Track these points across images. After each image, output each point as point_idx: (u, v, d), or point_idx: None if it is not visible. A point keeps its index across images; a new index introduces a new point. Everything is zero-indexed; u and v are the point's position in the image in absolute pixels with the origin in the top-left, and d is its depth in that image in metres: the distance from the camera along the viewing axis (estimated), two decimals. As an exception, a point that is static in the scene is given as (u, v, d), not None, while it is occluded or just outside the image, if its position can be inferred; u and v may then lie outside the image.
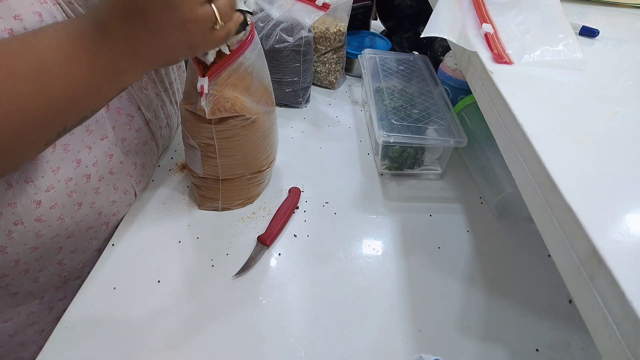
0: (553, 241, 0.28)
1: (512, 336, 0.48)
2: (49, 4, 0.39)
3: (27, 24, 0.36)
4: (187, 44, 0.36)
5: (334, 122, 0.81)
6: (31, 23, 0.37)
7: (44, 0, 0.38)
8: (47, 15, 0.38)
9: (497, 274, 0.55)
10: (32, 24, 0.37)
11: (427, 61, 0.85)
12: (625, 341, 0.21)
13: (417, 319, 0.49)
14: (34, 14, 0.37)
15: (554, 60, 0.43)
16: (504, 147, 0.37)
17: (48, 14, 0.38)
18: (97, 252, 0.54)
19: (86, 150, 0.46)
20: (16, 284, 0.48)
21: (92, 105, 0.36)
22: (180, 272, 0.52)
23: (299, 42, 0.75)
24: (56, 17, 0.39)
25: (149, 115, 0.56)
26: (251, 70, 0.50)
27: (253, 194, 0.62)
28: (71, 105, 0.33)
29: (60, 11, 0.40)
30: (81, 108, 0.35)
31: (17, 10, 0.36)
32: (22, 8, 0.36)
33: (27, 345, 0.54)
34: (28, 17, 0.37)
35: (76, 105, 0.34)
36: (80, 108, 0.35)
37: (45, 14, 0.38)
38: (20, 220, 0.42)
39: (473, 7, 0.50)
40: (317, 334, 0.46)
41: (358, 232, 0.59)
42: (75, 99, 0.33)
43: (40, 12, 0.38)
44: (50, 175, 0.43)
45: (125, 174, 0.53)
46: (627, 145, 0.32)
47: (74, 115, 0.35)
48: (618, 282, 0.21)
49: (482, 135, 0.67)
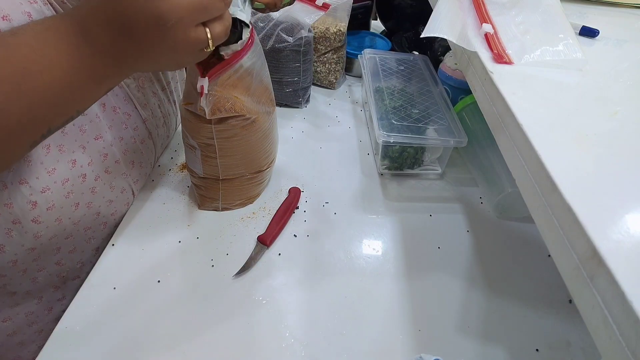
0: (553, 241, 0.28)
1: (512, 336, 0.48)
2: (39, 3, 0.38)
3: (16, 24, 0.35)
4: (175, 61, 0.35)
5: (334, 122, 0.81)
6: (20, 23, 0.35)
7: (33, 0, 0.37)
8: (37, 16, 0.37)
9: (497, 274, 0.55)
10: (21, 23, 0.35)
11: (427, 61, 0.85)
12: (625, 341, 0.21)
13: (417, 319, 0.49)
14: (23, 14, 0.36)
15: (554, 60, 0.43)
16: (504, 147, 0.37)
17: (38, 14, 0.37)
18: (95, 251, 0.54)
19: (80, 150, 0.46)
20: (14, 283, 0.47)
21: (77, 107, 0.35)
22: (180, 272, 0.52)
23: (299, 42, 0.75)
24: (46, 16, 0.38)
25: (145, 114, 0.55)
26: (251, 70, 0.50)
27: (253, 194, 0.62)
28: (54, 108, 0.33)
29: (52, 11, 0.39)
30: (65, 111, 0.34)
31: (5, 10, 0.35)
32: (11, 8, 0.35)
33: (26, 344, 0.54)
34: (17, 17, 0.36)
35: (59, 108, 0.33)
36: (64, 111, 0.34)
37: (35, 14, 0.37)
38: (17, 220, 0.42)
39: (473, 7, 0.50)
40: (317, 334, 0.46)
41: (358, 232, 0.59)
42: (59, 103, 0.32)
43: (29, 12, 0.37)
44: (46, 176, 0.43)
45: (121, 172, 0.53)
46: (627, 145, 0.32)
47: (58, 117, 0.34)
48: (618, 282, 0.21)
49: (482, 135, 0.67)
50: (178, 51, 0.33)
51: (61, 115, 0.34)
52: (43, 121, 0.33)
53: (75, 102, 0.34)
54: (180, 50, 0.33)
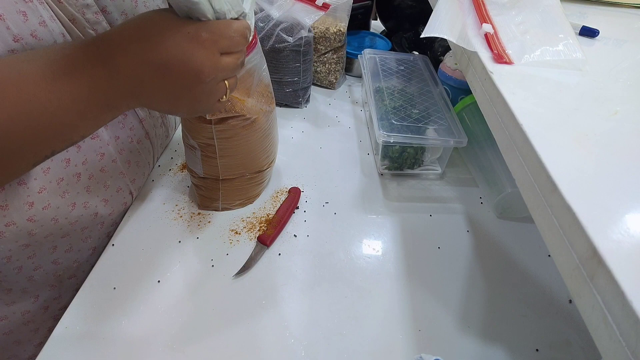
0: (553, 241, 0.28)
1: (512, 336, 0.48)
2: (34, 2, 0.37)
3: (11, 24, 0.35)
4: (191, 108, 0.36)
5: (334, 122, 0.81)
6: (15, 23, 0.35)
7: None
8: (33, 15, 0.36)
9: (497, 274, 0.55)
10: (15, 24, 0.35)
11: (427, 61, 0.85)
12: (625, 341, 0.21)
13: (417, 319, 0.49)
14: (18, 14, 0.36)
15: (554, 60, 0.43)
16: (504, 147, 0.37)
17: (34, 14, 0.37)
18: (92, 250, 0.54)
19: (75, 149, 0.46)
20: (10, 281, 0.47)
21: (82, 133, 0.36)
22: (180, 272, 0.52)
23: (299, 42, 0.75)
24: (42, 16, 0.37)
25: (142, 113, 0.56)
26: (252, 71, 0.50)
27: (253, 194, 0.62)
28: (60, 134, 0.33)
29: (48, 10, 0.38)
30: (70, 136, 0.35)
31: None
32: (5, 7, 0.35)
33: (23, 343, 0.54)
34: (12, 16, 0.35)
35: (65, 134, 0.34)
36: (69, 136, 0.35)
37: (30, 13, 0.36)
38: (12, 222, 0.42)
39: (473, 7, 0.50)
40: (317, 334, 0.46)
41: (358, 232, 0.59)
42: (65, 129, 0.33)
43: (24, 11, 0.36)
44: (42, 176, 0.43)
45: (117, 172, 0.53)
46: (627, 145, 0.32)
47: (63, 142, 0.35)
48: (618, 282, 0.21)
49: (482, 135, 0.67)
50: (200, 101, 0.35)
51: (66, 140, 0.35)
52: (47, 145, 0.33)
53: (81, 128, 0.35)
54: (202, 100, 0.35)
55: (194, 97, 0.35)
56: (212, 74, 0.34)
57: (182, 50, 0.32)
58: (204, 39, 0.32)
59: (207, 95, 0.35)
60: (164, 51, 0.32)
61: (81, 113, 0.33)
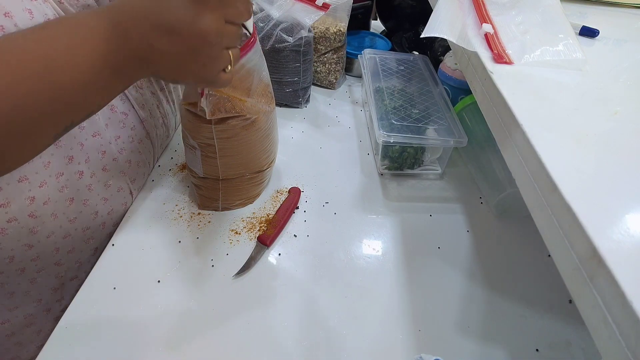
0: (553, 241, 0.28)
1: (512, 336, 0.48)
2: (39, 1, 0.39)
3: (18, 21, 0.37)
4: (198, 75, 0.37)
5: (334, 122, 0.81)
6: (22, 20, 0.37)
7: None
8: (38, 13, 0.39)
9: (497, 274, 0.55)
10: (22, 21, 0.37)
11: (427, 61, 0.85)
12: (625, 341, 0.21)
13: (417, 319, 0.49)
14: (24, 11, 0.38)
15: (554, 60, 0.43)
16: (504, 147, 0.37)
17: (38, 12, 0.39)
18: (94, 251, 0.55)
19: (78, 147, 0.47)
20: (12, 282, 0.48)
21: (98, 101, 0.36)
22: (180, 272, 0.52)
23: (299, 42, 0.75)
24: (47, 14, 0.40)
25: (143, 114, 0.56)
26: (252, 71, 0.50)
27: (253, 194, 0.62)
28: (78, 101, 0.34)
29: (51, 8, 0.40)
30: (88, 104, 0.35)
31: (6, 7, 0.36)
32: (12, 5, 0.37)
33: (25, 344, 0.54)
34: (18, 14, 0.37)
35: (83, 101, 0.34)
36: (87, 104, 0.35)
37: (35, 11, 0.39)
38: (14, 218, 0.43)
39: (473, 7, 0.50)
40: (317, 334, 0.46)
41: (358, 232, 0.59)
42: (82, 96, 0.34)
43: (30, 9, 0.38)
44: (43, 170, 0.44)
45: (118, 171, 0.53)
46: (627, 145, 0.32)
47: (81, 110, 0.35)
48: (618, 282, 0.21)
49: (482, 135, 0.67)
50: (206, 66, 0.36)
51: (84, 109, 0.35)
52: (66, 114, 0.34)
53: (97, 96, 0.35)
54: (208, 65, 0.36)
55: (201, 62, 0.35)
56: (217, 37, 0.34)
57: (190, 13, 0.33)
58: (211, 3, 0.33)
59: (212, 60, 0.36)
60: (172, 14, 0.32)
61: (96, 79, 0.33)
